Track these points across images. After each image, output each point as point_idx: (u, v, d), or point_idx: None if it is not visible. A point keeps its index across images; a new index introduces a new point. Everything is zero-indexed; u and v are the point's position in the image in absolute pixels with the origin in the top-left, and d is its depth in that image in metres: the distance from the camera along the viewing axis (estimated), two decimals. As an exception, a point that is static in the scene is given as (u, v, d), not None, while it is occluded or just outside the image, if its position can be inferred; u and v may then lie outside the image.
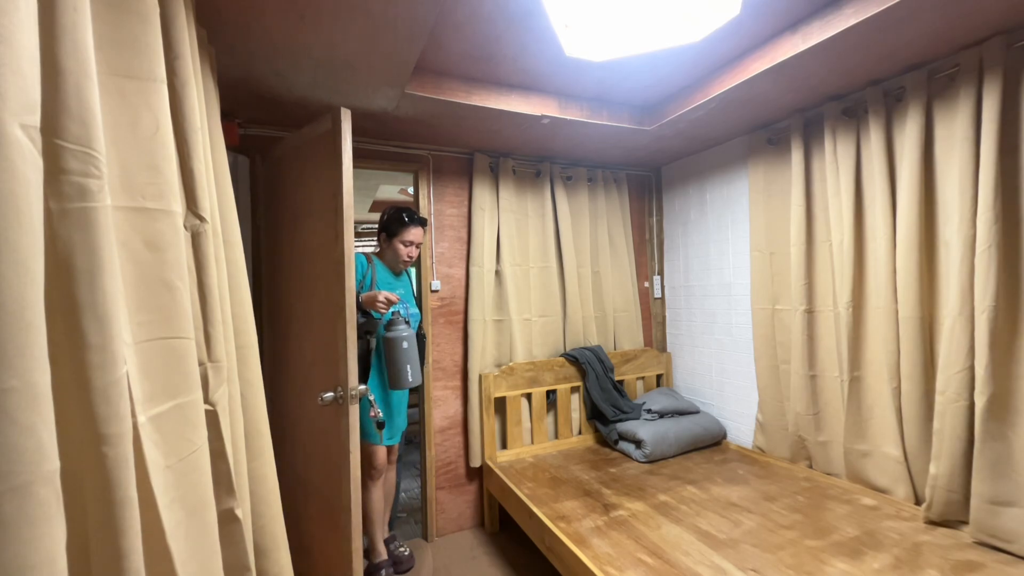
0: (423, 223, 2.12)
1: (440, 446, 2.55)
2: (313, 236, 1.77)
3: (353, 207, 1.62)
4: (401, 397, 2.14)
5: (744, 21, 1.65)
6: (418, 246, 2.11)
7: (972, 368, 1.63)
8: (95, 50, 0.70)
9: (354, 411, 1.60)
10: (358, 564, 1.62)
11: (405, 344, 1.87)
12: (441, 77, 1.96)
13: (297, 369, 1.89)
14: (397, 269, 2.14)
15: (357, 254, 1.98)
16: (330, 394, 1.59)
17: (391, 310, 1.91)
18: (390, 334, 1.87)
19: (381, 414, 1.67)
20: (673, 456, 2.50)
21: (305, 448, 1.86)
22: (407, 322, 1.92)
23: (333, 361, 1.64)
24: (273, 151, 2.09)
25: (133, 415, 0.73)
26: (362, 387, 1.61)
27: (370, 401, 1.65)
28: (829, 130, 2.09)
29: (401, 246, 2.07)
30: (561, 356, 2.80)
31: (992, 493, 1.58)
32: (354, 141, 2.36)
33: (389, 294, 1.87)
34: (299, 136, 1.89)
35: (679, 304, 3.11)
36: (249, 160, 2.16)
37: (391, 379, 1.89)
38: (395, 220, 2.06)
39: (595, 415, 2.76)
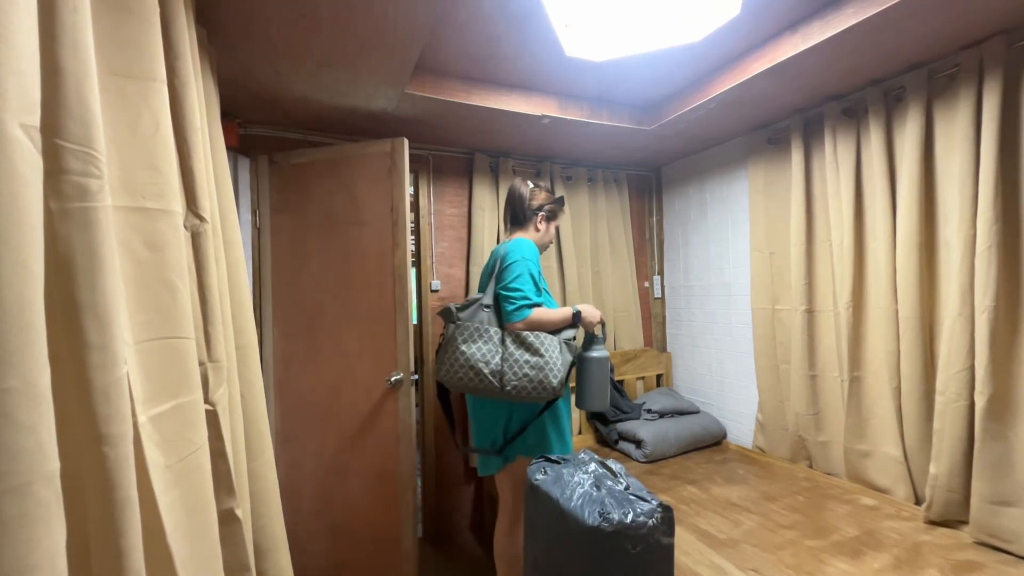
0: None
1: (440, 446, 2.55)
2: (362, 243, 2.05)
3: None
4: (484, 414, 1.68)
5: (744, 21, 1.65)
6: None
7: (972, 368, 1.63)
8: (95, 50, 0.70)
9: (412, 392, 1.94)
10: (412, 532, 1.97)
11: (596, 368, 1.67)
12: (441, 77, 1.96)
13: (332, 363, 2.06)
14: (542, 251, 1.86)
15: (528, 241, 1.72)
16: (399, 376, 1.95)
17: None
18: (593, 354, 1.68)
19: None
20: (673, 456, 2.50)
21: (341, 433, 2.04)
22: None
23: (390, 351, 1.97)
24: (294, 157, 2.14)
25: (134, 415, 0.73)
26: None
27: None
28: (829, 130, 2.09)
29: (556, 229, 1.92)
30: (561, 356, 2.80)
31: (992, 493, 1.58)
32: (352, 141, 2.39)
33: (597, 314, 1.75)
34: (340, 150, 2.09)
35: (679, 304, 3.11)
36: (249, 160, 2.16)
37: (583, 399, 1.67)
38: (559, 203, 1.88)
39: (595, 415, 2.76)
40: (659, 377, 3.12)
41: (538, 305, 1.62)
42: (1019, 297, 1.58)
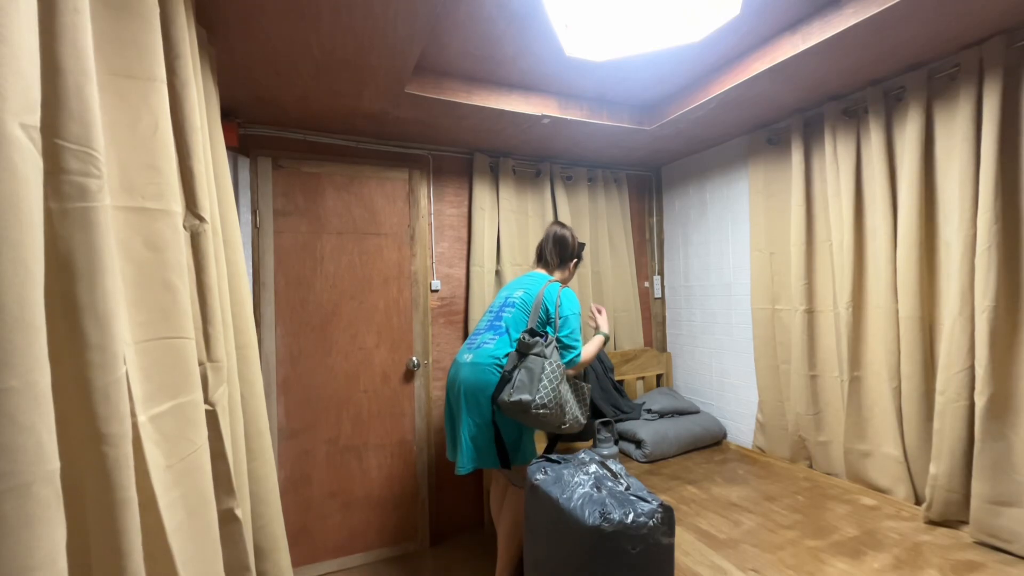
0: None
1: (440, 445, 2.55)
2: (381, 251, 2.41)
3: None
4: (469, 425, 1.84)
5: (744, 21, 1.65)
6: None
7: (972, 368, 1.63)
8: (95, 50, 0.70)
9: (428, 372, 2.43)
10: (427, 482, 2.45)
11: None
12: (441, 77, 1.96)
13: (349, 356, 2.34)
14: None
15: (572, 293, 2.00)
16: (416, 360, 2.41)
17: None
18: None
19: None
20: (673, 456, 2.50)
21: (358, 416, 2.35)
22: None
23: (408, 342, 2.43)
24: (306, 165, 2.25)
25: (133, 415, 0.73)
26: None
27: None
28: (829, 130, 2.09)
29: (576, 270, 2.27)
30: (561, 356, 2.80)
31: (992, 493, 1.58)
32: (353, 141, 2.40)
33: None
34: (359, 168, 2.36)
35: (679, 304, 3.11)
36: (249, 160, 2.16)
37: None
38: (582, 248, 2.19)
39: (595, 415, 2.75)
40: (659, 377, 3.11)
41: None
42: (1019, 297, 1.58)
